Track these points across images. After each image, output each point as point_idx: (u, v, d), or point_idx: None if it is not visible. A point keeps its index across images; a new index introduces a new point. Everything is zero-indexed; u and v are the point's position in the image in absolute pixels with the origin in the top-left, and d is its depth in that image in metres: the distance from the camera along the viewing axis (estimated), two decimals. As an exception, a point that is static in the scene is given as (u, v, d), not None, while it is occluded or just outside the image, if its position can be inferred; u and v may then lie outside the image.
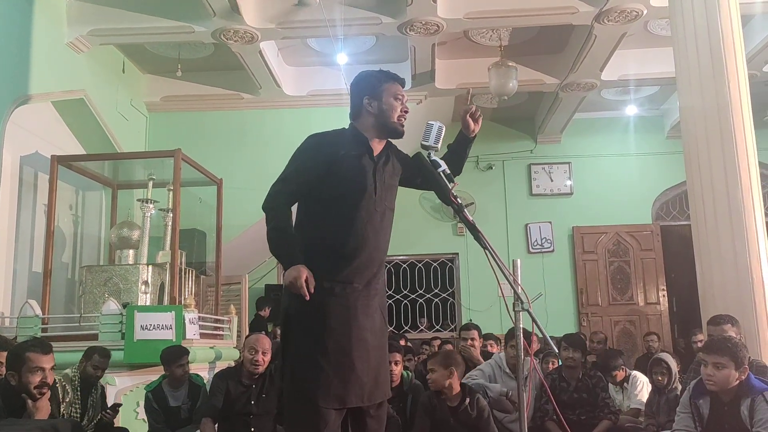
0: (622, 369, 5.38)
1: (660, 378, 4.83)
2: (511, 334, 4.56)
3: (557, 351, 2.57)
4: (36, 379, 3.27)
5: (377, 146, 2.52)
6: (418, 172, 2.55)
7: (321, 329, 2.29)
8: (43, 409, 3.40)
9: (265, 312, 7.91)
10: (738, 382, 3.19)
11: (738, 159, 4.65)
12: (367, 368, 2.31)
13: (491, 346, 6.11)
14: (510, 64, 7.15)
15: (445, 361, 3.81)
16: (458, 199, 2.34)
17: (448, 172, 2.38)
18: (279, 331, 2.68)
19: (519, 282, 2.33)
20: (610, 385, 5.03)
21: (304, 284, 2.24)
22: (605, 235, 9.43)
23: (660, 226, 9.52)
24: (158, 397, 4.50)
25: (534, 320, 2.26)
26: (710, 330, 4.14)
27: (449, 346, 6.42)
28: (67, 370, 4.36)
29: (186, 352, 4.61)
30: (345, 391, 2.24)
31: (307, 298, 2.25)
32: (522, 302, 2.28)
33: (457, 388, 3.82)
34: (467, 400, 3.83)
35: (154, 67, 7.84)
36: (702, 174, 4.79)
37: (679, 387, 4.60)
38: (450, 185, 2.36)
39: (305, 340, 2.32)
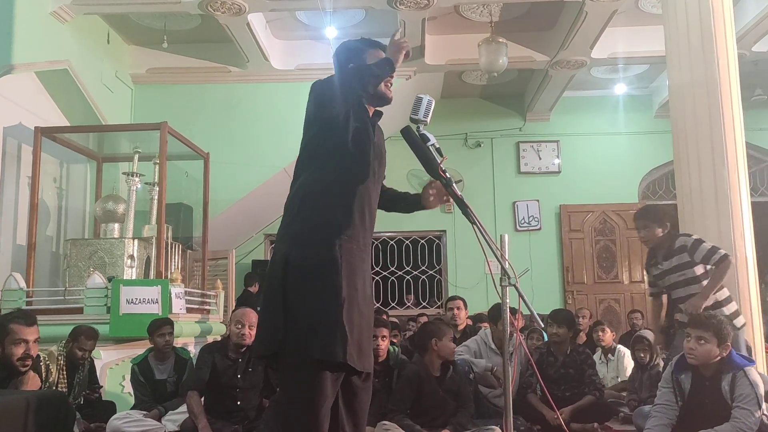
0: (604, 330, 5.56)
1: (642, 355, 4.91)
2: (497, 310, 4.60)
3: (542, 326, 2.60)
4: (19, 350, 3.25)
5: (369, 111, 2.50)
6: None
7: (336, 288, 2.17)
8: (30, 382, 3.39)
9: (254, 288, 7.91)
10: (719, 358, 3.24)
11: (725, 138, 4.68)
12: (362, 332, 2.25)
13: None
14: (500, 40, 7.10)
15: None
16: (446, 174, 2.33)
17: (438, 146, 2.36)
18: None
19: (506, 257, 2.33)
20: (595, 356, 5.13)
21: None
22: (592, 214, 9.48)
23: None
24: (144, 370, 4.51)
25: (521, 295, 2.27)
26: (692, 306, 4.19)
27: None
28: (53, 348, 4.34)
29: (168, 322, 4.61)
30: (356, 353, 2.16)
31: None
32: (509, 277, 2.28)
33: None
34: (450, 368, 3.98)
35: (140, 38, 7.71)
36: (689, 152, 4.81)
37: (661, 363, 4.67)
38: (439, 159, 2.34)
39: (313, 295, 2.16)
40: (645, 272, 4.58)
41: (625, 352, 5.55)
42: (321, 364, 2.11)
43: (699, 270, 3.97)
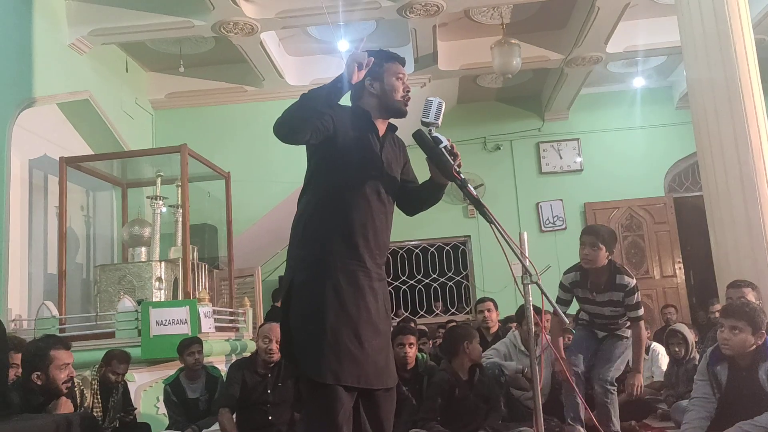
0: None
1: (677, 349, 4.83)
2: (523, 311, 4.55)
3: (567, 322, 2.57)
4: (63, 375, 3.42)
5: (381, 126, 2.50)
6: (407, 177, 2.55)
7: (332, 307, 2.23)
8: (63, 407, 3.46)
9: None
10: (755, 346, 3.16)
11: (748, 126, 4.60)
12: (378, 350, 2.28)
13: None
14: (513, 41, 7.08)
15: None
16: (461, 175, 2.31)
17: (450, 147, 2.35)
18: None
19: (527, 255, 2.31)
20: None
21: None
22: (618, 210, 9.35)
23: (673, 198, 9.42)
24: (177, 389, 4.55)
25: (543, 293, 2.24)
26: (729, 293, 4.11)
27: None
28: (87, 373, 4.40)
29: (197, 341, 4.65)
30: (360, 371, 2.20)
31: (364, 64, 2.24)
32: (530, 275, 2.26)
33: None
34: (477, 371, 4.00)
35: (157, 64, 7.85)
36: (712, 143, 4.73)
37: (697, 357, 4.58)
38: (452, 161, 2.33)
39: (316, 317, 2.23)
40: (564, 278, 4.05)
41: (660, 351, 5.42)
42: (319, 382, 2.18)
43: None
